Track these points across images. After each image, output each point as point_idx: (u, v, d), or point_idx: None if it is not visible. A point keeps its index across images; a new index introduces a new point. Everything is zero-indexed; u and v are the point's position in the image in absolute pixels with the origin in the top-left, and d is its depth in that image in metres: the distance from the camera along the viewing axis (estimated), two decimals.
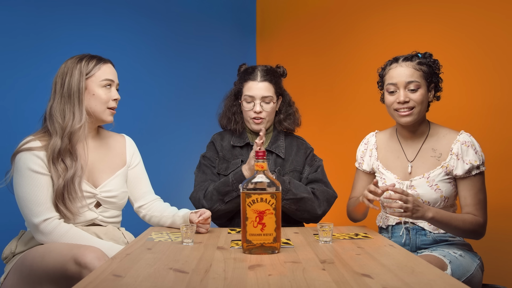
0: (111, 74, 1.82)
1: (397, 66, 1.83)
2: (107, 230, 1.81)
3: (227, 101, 2.20)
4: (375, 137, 2.03)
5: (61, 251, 1.56)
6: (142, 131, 3.05)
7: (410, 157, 1.89)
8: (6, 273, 1.71)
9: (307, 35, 3.47)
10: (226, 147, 2.15)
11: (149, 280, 1.15)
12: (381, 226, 1.96)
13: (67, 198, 1.69)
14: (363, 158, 2.04)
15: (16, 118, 2.48)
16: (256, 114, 2.07)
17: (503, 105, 2.33)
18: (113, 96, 1.82)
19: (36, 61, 2.56)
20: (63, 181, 1.69)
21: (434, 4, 2.64)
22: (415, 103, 1.80)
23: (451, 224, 1.71)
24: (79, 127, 1.74)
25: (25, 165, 1.68)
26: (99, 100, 1.79)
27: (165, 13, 3.27)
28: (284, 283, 1.12)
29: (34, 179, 1.68)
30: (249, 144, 2.13)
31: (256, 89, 2.06)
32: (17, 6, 2.51)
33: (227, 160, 2.12)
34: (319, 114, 3.30)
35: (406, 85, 1.80)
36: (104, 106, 1.80)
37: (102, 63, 1.81)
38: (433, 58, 1.87)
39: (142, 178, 1.99)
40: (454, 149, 1.80)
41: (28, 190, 1.66)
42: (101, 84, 1.79)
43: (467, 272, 1.71)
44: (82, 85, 1.76)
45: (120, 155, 1.94)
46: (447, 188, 1.81)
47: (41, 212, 1.66)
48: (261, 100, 2.06)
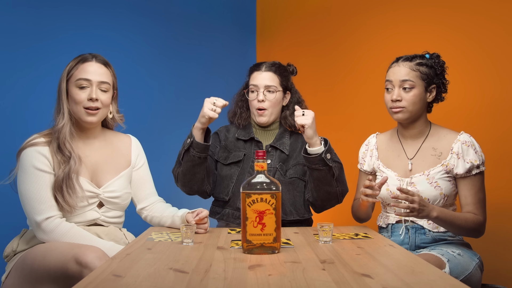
0: (88, 73, 1.76)
1: (396, 66, 1.88)
2: (108, 230, 1.81)
3: (236, 97, 2.24)
4: (376, 138, 2.06)
5: (62, 250, 1.56)
6: (142, 131, 3.04)
7: (410, 155, 1.91)
8: (7, 271, 1.71)
9: (307, 35, 3.47)
10: (230, 139, 2.16)
11: (149, 280, 1.15)
12: (381, 226, 1.97)
13: (65, 191, 1.70)
14: (364, 159, 2.07)
15: (16, 118, 2.48)
16: (259, 103, 2.07)
17: (503, 105, 2.33)
18: (89, 95, 1.75)
19: (36, 61, 2.56)
20: (62, 173, 1.70)
21: (434, 4, 2.64)
22: (407, 103, 1.83)
23: (454, 223, 1.72)
24: (62, 125, 1.74)
25: (29, 163, 1.69)
26: (73, 101, 1.76)
27: (165, 13, 3.27)
28: (284, 283, 1.12)
29: (37, 176, 1.68)
30: (253, 138, 2.13)
31: (259, 78, 2.09)
32: (17, 6, 2.52)
33: (228, 150, 2.13)
34: (319, 114, 3.29)
35: (400, 84, 1.84)
36: (79, 106, 1.76)
37: (81, 62, 1.78)
38: (441, 59, 1.88)
39: (146, 180, 1.99)
40: (454, 148, 1.82)
41: (31, 188, 1.67)
42: (76, 84, 1.76)
43: (466, 271, 1.71)
44: (63, 85, 1.77)
45: (125, 156, 1.93)
46: (447, 186, 1.83)
47: (44, 210, 1.67)
48: (265, 89, 2.08)
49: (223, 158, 2.12)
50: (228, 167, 2.10)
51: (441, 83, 1.88)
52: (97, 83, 1.77)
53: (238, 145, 2.14)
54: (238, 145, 2.14)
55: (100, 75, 1.78)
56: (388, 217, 1.94)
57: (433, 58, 1.87)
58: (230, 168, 2.10)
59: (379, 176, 1.98)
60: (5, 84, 2.46)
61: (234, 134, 2.17)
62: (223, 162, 2.11)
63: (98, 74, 1.77)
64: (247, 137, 2.14)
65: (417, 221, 1.86)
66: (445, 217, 1.70)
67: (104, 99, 1.78)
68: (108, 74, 1.81)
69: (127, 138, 1.99)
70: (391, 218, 1.92)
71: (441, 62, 1.88)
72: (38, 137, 1.75)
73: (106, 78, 1.79)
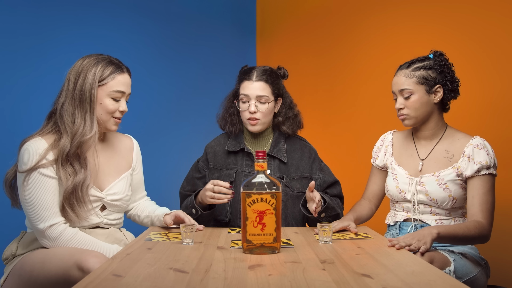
0: (124, 85, 1.75)
1: (395, 76, 1.91)
2: (109, 232, 1.80)
3: (225, 102, 2.17)
4: (392, 135, 2.07)
5: (62, 257, 1.54)
6: (142, 131, 3.05)
7: (423, 156, 1.92)
8: (6, 274, 1.70)
9: (307, 35, 3.47)
10: (220, 155, 2.10)
11: (149, 280, 1.15)
12: (389, 224, 1.99)
13: (75, 203, 1.65)
14: (377, 153, 2.07)
15: (15, 119, 2.48)
16: (251, 114, 2.01)
17: (503, 105, 2.33)
18: (121, 108, 1.76)
19: (36, 61, 2.56)
20: (72, 184, 1.65)
21: (434, 4, 2.64)
22: (409, 110, 1.85)
23: (457, 233, 1.69)
24: (90, 136, 1.69)
25: (32, 167, 1.62)
26: (105, 110, 1.73)
27: (165, 13, 3.27)
28: (284, 283, 1.12)
29: (41, 182, 1.63)
30: (244, 150, 2.07)
31: (251, 88, 2.01)
32: (17, 6, 2.52)
33: (218, 169, 2.08)
34: (319, 114, 3.30)
35: (400, 93, 1.87)
36: (109, 116, 1.75)
37: (118, 73, 1.74)
38: (444, 57, 1.87)
39: (142, 184, 2.01)
40: (466, 152, 1.82)
41: (35, 193, 1.62)
42: (110, 95, 1.73)
43: (470, 273, 1.71)
44: (94, 92, 1.69)
45: (126, 158, 1.91)
46: (456, 189, 1.83)
47: (48, 217, 1.63)
48: (256, 100, 2.01)
49: (215, 179, 2.04)
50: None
51: (446, 81, 1.85)
52: (128, 93, 1.79)
53: (229, 161, 2.08)
54: (229, 161, 2.08)
55: (129, 86, 1.80)
56: (396, 215, 1.96)
57: (435, 57, 1.87)
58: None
59: (390, 172, 1.99)
60: (5, 84, 2.46)
61: (224, 147, 2.11)
62: None
63: (128, 86, 1.79)
64: (237, 148, 2.07)
65: (425, 220, 1.87)
66: (446, 230, 1.67)
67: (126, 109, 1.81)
68: (130, 84, 1.83)
69: (128, 140, 1.97)
70: (399, 215, 1.94)
71: (443, 60, 1.86)
72: (39, 139, 1.67)
73: (130, 89, 1.82)
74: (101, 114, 1.74)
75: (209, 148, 2.15)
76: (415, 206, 1.88)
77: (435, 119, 1.89)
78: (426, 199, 1.85)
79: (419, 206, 1.87)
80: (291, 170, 2.05)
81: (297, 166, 2.06)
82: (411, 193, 1.87)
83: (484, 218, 1.76)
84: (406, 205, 1.91)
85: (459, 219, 1.86)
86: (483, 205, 1.77)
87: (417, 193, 1.86)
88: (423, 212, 1.88)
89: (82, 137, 1.68)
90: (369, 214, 2.01)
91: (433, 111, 1.88)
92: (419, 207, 1.87)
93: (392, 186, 1.94)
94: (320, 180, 2.06)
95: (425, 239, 1.58)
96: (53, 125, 1.72)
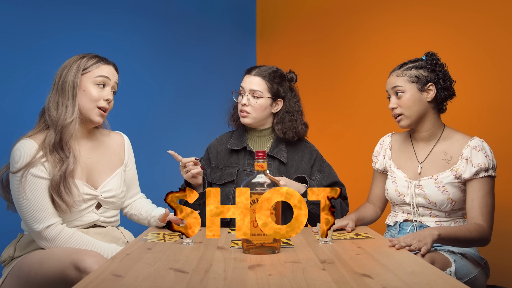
0: (109, 73, 1.77)
1: (388, 78, 1.92)
2: (106, 231, 1.80)
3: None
4: (391, 138, 2.07)
5: (59, 257, 1.54)
6: (142, 131, 3.05)
7: (421, 158, 1.92)
8: (4, 276, 1.70)
9: (307, 35, 3.47)
10: (222, 153, 2.11)
11: (149, 280, 1.15)
12: (388, 224, 2.00)
13: (62, 190, 1.65)
14: (377, 157, 2.08)
15: (15, 119, 2.48)
16: (242, 106, 2.04)
17: (503, 105, 2.33)
18: (105, 96, 1.75)
19: (36, 61, 2.56)
20: (59, 171, 1.65)
21: (434, 4, 2.64)
22: (402, 108, 1.86)
23: (458, 236, 1.68)
24: (70, 121, 1.69)
25: (24, 168, 1.62)
26: (88, 97, 1.72)
27: (165, 13, 3.27)
28: (284, 283, 1.12)
29: (34, 183, 1.63)
30: (246, 148, 2.08)
31: (247, 82, 2.06)
32: (17, 6, 2.51)
33: (221, 168, 2.09)
34: (319, 114, 3.30)
35: (392, 92, 1.88)
36: (93, 104, 1.73)
37: (102, 63, 1.77)
38: (435, 56, 1.87)
39: (135, 180, 2.01)
40: (464, 154, 1.81)
41: (29, 196, 1.62)
42: (94, 81, 1.73)
43: (470, 274, 1.71)
44: (77, 79, 1.71)
45: (118, 154, 1.92)
46: (455, 191, 1.82)
47: (44, 218, 1.62)
48: (249, 93, 2.03)
49: (216, 178, 2.08)
50: (223, 187, 2.05)
51: (439, 79, 1.85)
52: (113, 84, 1.79)
53: (231, 160, 2.09)
54: (231, 161, 2.09)
55: (114, 76, 1.80)
56: (396, 216, 1.96)
57: (427, 57, 1.88)
58: (225, 187, 2.04)
59: (389, 175, 1.99)
60: (5, 84, 2.46)
61: (227, 145, 2.12)
62: (218, 183, 2.06)
63: (113, 76, 1.79)
64: (240, 146, 2.08)
65: (425, 222, 1.87)
66: (447, 232, 1.66)
67: (112, 101, 1.79)
68: (117, 78, 1.83)
69: (118, 136, 1.96)
70: (399, 216, 1.94)
71: (434, 59, 1.86)
72: (28, 140, 1.67)
73: (117, 81, 1.82)
74: (84, 101, 1.73)
75: (211, 148, 2.16)
76: (415, 209, 1.88)
77: (431, 119, 1.89)
78: (425, 202, 1.85)
79: (418, 209, 1.87)
80: (290, 171, 2.05)
81: (297, 167, 2.06)
82: (410, 196, 1.87)
83: (484, 221, 1.75)
84: (405, 208, 1.92)
85: (459, 221, 1.86)
86: (483, 208, 1.77)
87: (416, 196, 1.86)
88: (422, 214, 1.88)
89: (63, 122, 1.68)
90: (373, 216, 2.01)
91: (427, 110, 1.87)
92: (418, 210, 1.87)
93: (391, 189, 1.94)
94: (318, 181, 2.06)
95: (425, 240, 1.58)
96: (43, 123, 1.74)
